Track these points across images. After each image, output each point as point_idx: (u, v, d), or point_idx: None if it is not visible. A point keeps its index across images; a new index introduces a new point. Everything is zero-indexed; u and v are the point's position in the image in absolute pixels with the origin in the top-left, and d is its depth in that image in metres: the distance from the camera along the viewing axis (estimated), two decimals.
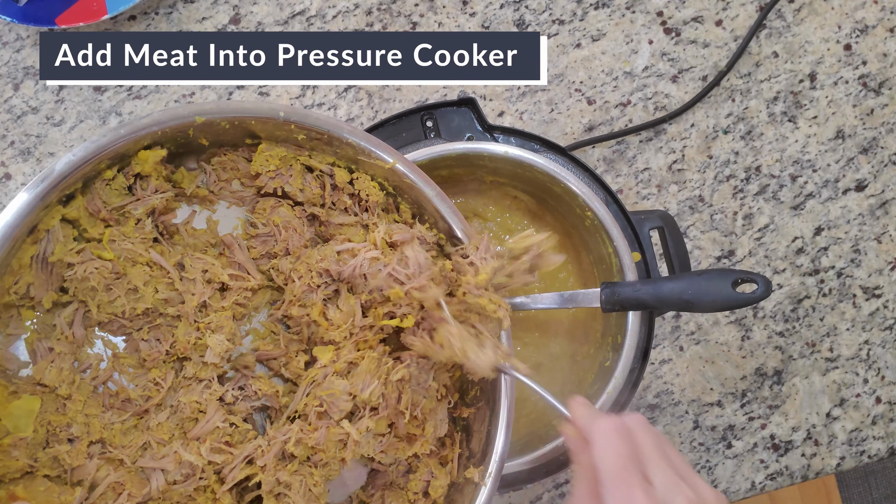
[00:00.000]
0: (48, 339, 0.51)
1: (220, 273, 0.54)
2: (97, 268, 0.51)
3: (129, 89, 0.75)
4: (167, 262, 0.53)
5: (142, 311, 0.52)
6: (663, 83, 0.77)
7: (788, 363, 0.75)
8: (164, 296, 0.53)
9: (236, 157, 0.56)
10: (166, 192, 0.54)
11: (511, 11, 0.77)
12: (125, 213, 0.53)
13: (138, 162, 0.52)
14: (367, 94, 0.75)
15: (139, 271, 0.52)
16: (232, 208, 0.58)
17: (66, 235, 0.51)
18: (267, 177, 0.55)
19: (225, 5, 0.76)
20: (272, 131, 0.54)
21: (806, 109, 0.77)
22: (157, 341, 0.53)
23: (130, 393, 0.52)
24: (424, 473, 0.55)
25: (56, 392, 0.50)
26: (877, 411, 0.75)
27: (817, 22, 0.78)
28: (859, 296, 0.76)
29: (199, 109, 0.51)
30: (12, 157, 0.74)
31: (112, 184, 0.52)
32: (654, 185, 0.76)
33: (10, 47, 0.75)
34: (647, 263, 0.64)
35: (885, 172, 0.77)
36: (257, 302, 0.56)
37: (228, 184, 0.57)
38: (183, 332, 0.53)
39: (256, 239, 0.56)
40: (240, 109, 0.52)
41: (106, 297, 0.51)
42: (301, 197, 0.56)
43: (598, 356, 0.65)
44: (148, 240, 0.53)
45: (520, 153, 0.62)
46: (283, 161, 0.55)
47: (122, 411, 0.52)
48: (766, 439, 0.75)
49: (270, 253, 0.56)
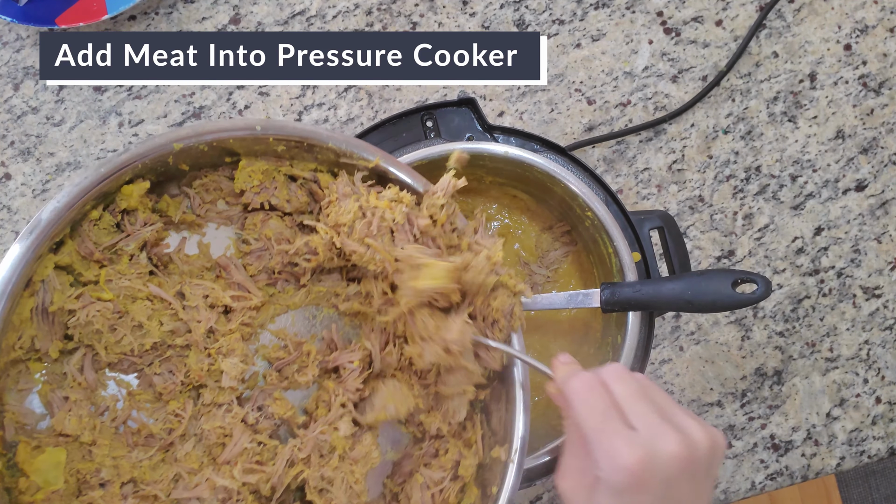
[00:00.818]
0: (61, 388, 0.51)
1: (222, 296, 0.54)
2: (99, 310, 0.50)
3: (129, 89, 0.75)
4: (167, 294, 0.52)
5: (150, 346, 0.52)
6: (663, 83, 0.77)
7: (788, 363, 0.75)
8: (169, 327, 0.52)
9: (218, 177, 0.56)
10: (155, 224, 0.53)
11: (511, 11, 0.77)
12: (117, 250, 0.52)
13: (123, 198, 0.52)
14: (367, 94, 0.75)
15: (141, 307, 0.52)
16: (221, 228, 0.57)
17: (63, 282, 0.50)
18: (252, 192, 0.55)
19: (225, 5, 0.76)
20: (251, 146, 0.53)
21: (806, 109, 0.77)
22: (170, 373, 0.53)
23: (152, 428, 0.52)
24: (454, 454, 0.55)
25: (79, 440, 0.50)
26: (877, 411, 0.75)
27: (817, 22, 0.78)
28: (859, 296, 0.76)
29: (177, 136, 0.50)
30: (12, 157, 0.74)
31: (100, 223, 0.52)
32: (654, 185, 0.76)
33: (10, 47, 0.75)
34: (647, 263, 0.64)
35: (885, 172, 0.77)
36: (262, 319, 0.56)
37: (213, 205, 0.57)
38: (195, 361, 0.53)
39: (251, 255, 0.56)
40: (217, 129, 0.51)
41: (112, 337, 0.51)
42: (289, 207, 0.56)
43: (598, 356, 0.65)
44: (144, 274, 0.53)
45: (520, 153, 0.62)
46: (265, 174, 0.55)
47: (147, 447, 0.52)
48: (766, 439, 0.75)
49: (268, 267, 0.56)
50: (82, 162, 0.74)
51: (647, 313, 0.63)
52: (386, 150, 0.65)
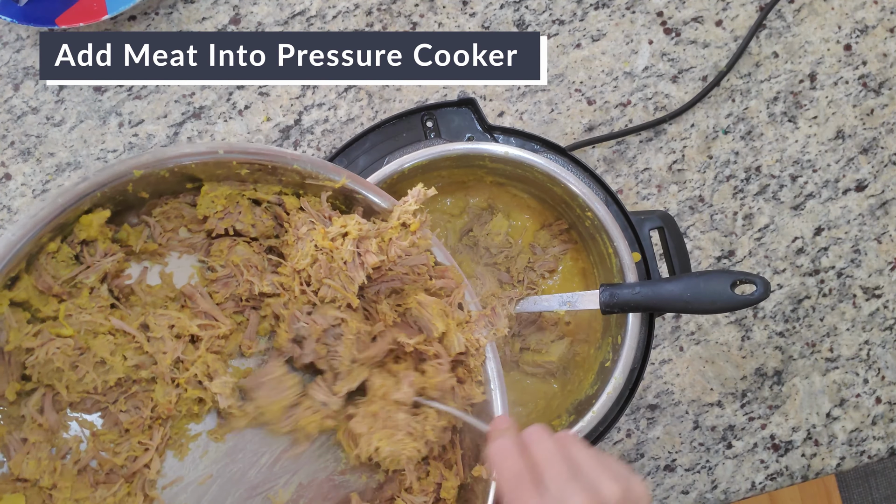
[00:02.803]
0: (19, 430, 0.48)
1: (189, 325, 0.51)
2: (59, 347, 0.47)
3: (129, 89, 0.75)
4: (130, 326, 0.50)
5: (114, 382, 0.50)
6: (663, 83, 0.77)
7: (788, 363, 0.75)
8: (134, 361, 0.50)
9: (179, 204, 0.54)
10: (116, 255, 0.51)
11: (511, 11, 0.77)
12: (77, 283, 0.50)
13: (82, 228, 0.49)
14: (367, 94, 0.75)
15: (103, 341, 0.49)
16: (184, 257, 0.55)
17: (19, 320, 0.47)
18: (215, 218, 0.53)
19: (225, 5, 0.76)
20: (213, 171, 0.52)
21: (806, 109, 0.77)
22: (136, 409, 0.50)
23: (116, 461, 0.50)
24: (436, 476, 0.54)
25: (38, 485, 0.47)
26: (877, 411, 0.75)
27: (817, 22, 0.78)
28: (859, 296, 0.76)
29: (137, 163, 0.48)
30: (12, 158, 0.74)
31: (57, 256, 0.49)
32: (654, 185, 0.76)
33: (10, 47, 0.75)
34: (647, 264, 0.64)
35: (885, 172, 0.77)
36: (230, 348, 0.54)
37: (175, 233, 0.54)
38: (162, 394, 0.50)
39: (217, 283, 0.54)
40: (178, 154, 0.49)
41: (74, 375, 0.48)
42: (254, 232, 0.54)
43: (598, 356, 0.65)
44: (105, 307, 0.50)
45: (520, 153, 0.62)
46: (229, 199, 0.53)
47: (110, 484, 0.49)
48: (766, 439, 0.75)
49: (235, 295, 0.54)
50: (82, 162, 0.74)
51: (647, 314, 0.63)
52: (386, 151, 0.65)
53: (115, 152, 0.74)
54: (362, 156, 0.65)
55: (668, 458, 0.74)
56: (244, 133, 0.75)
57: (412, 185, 0.53)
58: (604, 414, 0.61)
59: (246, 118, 0.75)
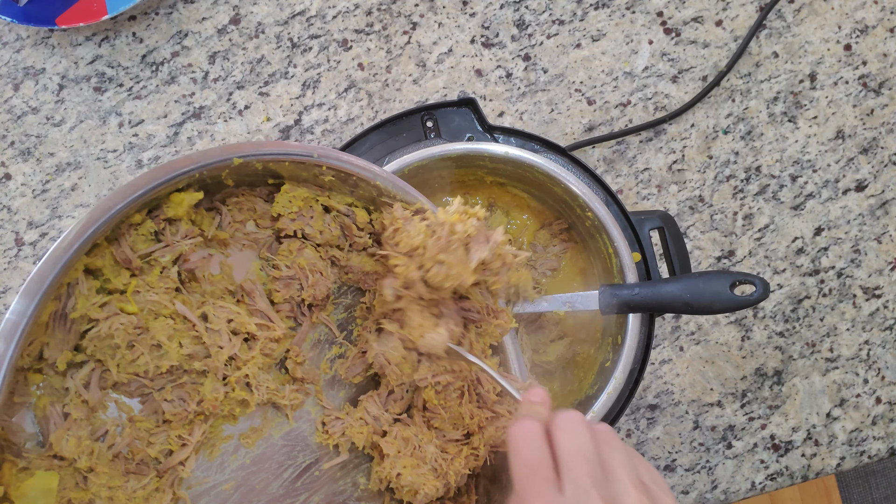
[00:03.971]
0: (60, 402, 0.45)
1: (248, 322, 0.50)
2: (122, 323, 0.46)
3: (129, 89, 0.75)
4: (192, 314, 0.49)
5: (166, 370, 0.48)
6: (663, 83, 0.77)
7: (788, 363, 0.75)
8: (188, 351, 0.48)
9: (254, 197, 0.53)
10: (195, 237, 0.50)
11: (511, 11, 0.77)
12: (151, 260, 0.48)
13: (171, 205, 0.48)
14: (367, 94, 0.75)
15: (163, 325, 0.47)
16: (245, 251, 0.54)
17: (90, 288, 0.46)
18: (288, 218, 0.53)
19: (225, 5, 0.76)
20: (298, 172, 0.51)
21: (806, 109, 0.77)
22: (181, 400, 0.49)
23: (149, 451, 0.48)
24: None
25: (75, 465, 0.45)
26: (877, 411, 0.75)
27: (817, 22, 0.78)
28: (859, 296, 0.76)
29: (237, 151, 0.48)
30: (12, 158, 0.74)
31: (139, 229, 0.48)
32: (654, 185, 0.76)
33: (10, 47, 0.75)
34: (647, 264, 0.64)
35: (885, 172, 0.77)
36: (279, 352, 0.53)
37: (243, 225, 0.53)
38: (210, 389, 0.49)
39: (280, 282, 0.53)
40: (278, 150, 0.49)
41: (129, 355, 0.46)
42: (320, 238, 0.54)
43: (598, 356, 0.65)
44: (171, 289, 0.49)
45: (520, 153, 0.62)
46: (304, 202, 0.53)
47: (140, 475, 0.47)
48: (766, 439, 0.75)
49: (294, 298, 0.53)
50: (82, 162, 0.74)
51: (647, 313, 0.63)
52: (386, 151, 0.65)
53: (115, 152, 0.74)
54: (362, 156, 0.65)
55: (668, 458, 0.74)
56: (244, 133, 0.75)
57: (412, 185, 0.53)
58: (604, 414, 0.61)
59: (246, 118, 0.75)
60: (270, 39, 0.75)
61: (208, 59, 0.75)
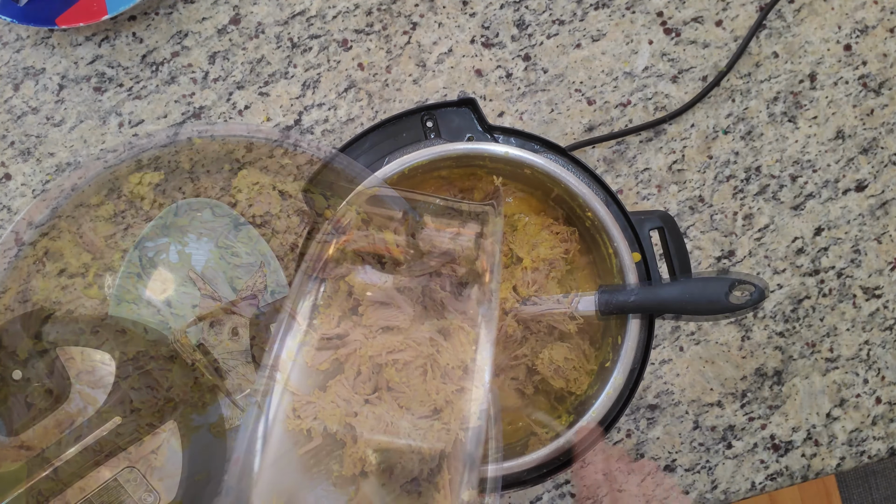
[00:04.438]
0: (22, 393, 0.44)
1: (211, 306, 0.50)
2: (86, 306, 0.45)
3: (129, 89, 0.75)
4: (158, 299, 0.48)
5: (132, 356, 0.47)
6: (663, 83, 0.77)
7: (788, 363, 0.75)
8: (154, 336, 0.47)
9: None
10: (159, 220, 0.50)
11: (511, 11, 0.77)
12: (111, 243, 0.48)
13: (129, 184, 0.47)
14: (367, 94, 0.75)
15: (126, 309, 0.47)
16: (202, 240, 0.53)
17: (51, 270, 0.45)
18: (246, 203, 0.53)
19: (225, 5, 0.76)
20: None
21: (806, 110, 0.77)
22: (149, 389, 0.47)
23: (119, 442, 0.47)
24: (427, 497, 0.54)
25: (43, 455, 0.44)
26: (877, 412, 0.75)
27: (817, 22, 0.78)
28: (859, 296, 0.76)
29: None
30: (12, 158, 0.74)
31: (100, 210, 0.47)
32: (654, 185, 0.76)
33: (10, 47, 0.75)
34: (647, 264, 0.64)
35: (885, 172, 0.77)
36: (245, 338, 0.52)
37: (199, 213, 0.54)
38: (180, 375, 0.48)
39: (241, 269, 0.52)
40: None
41: (95, 340, 0.46)
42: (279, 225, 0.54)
43: (599, 356, 0.65)
44: (134, 274, 0.48)
45: (520, 153, 0.62)
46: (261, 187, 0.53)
47: (112, 467, 0.47)
48: (766, 439, 0.75)
49: (258, 286, 0.53)
50: (82, 162, 0.74)
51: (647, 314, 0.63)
52: (386, 151, 0.66)
53: (116, 153, 0.74)
54: (362, 156, 0.65)
55: (668, 458, 0.74)
56: None
57: (412, 185, 0.53)
58: (604, 414, 0.61)
59: (246, 118, 0.75)
60: (270, 39, 0.75)
61: (208, 59, 0.75)
